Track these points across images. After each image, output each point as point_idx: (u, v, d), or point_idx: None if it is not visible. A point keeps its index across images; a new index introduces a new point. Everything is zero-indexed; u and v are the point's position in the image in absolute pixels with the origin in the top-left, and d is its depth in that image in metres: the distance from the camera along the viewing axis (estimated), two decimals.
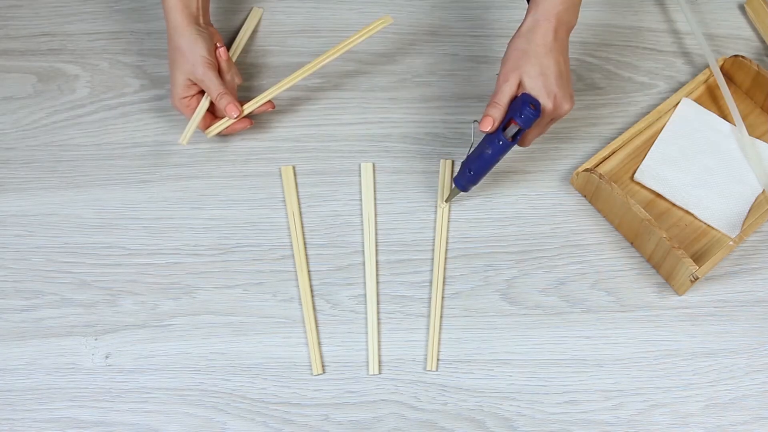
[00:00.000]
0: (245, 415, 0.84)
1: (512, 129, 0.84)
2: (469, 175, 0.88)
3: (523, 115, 0.82)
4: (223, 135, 0.96)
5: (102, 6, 1.07)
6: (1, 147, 0.98)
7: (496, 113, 0.83)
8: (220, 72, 0.92)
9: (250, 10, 1.06)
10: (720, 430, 0.84)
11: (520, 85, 0.84)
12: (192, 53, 0.90)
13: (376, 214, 0.94)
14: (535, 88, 0.83)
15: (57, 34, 1.05)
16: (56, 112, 1.00)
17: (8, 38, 1.05)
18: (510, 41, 0.85)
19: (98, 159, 0.97)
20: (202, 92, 0.93)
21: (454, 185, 0.91)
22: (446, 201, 0.93)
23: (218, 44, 0.92)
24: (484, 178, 0.89)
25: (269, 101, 0.94)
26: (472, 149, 0.88)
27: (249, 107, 0.93)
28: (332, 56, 0.94)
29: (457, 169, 0.97)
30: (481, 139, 0.87)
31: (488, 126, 0.83)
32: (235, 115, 0.91)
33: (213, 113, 0.95)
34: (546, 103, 0.83)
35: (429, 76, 1.03)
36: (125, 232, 0.93)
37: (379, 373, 0.86)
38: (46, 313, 0.89)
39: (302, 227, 0.93)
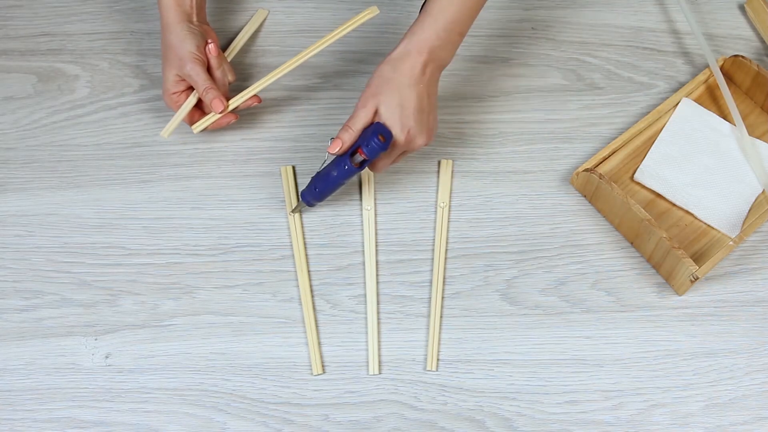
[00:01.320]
0: (245, 415, 0.84)
1: (358, 157, 0.83)
2: (315, 191, 0.88)
3: (369, 145, 0.81)
4: (210, 130, 0.96)
5: (102, 6, 1.07)
6: (1, 147, 0.98)
7: (347, 137, 0.83)
8: (209, 68, 0.92)
9: (256, 11, 1.06)
10: (720, 430, 0.84)
11: (376, 112, 0.83)
12: (181, 49, 0.90)
13: (376, 214, 0.94)
14: (390, 118, 0.82)
15: (57, 34, 1.05)
16: (56, 112, 1.00)
17: (8, 38, 1.05)
18: (377, 66, 0.84)
19: (98, 159, 0.97)
20: (191, 89, 0.94)
21: (300, 198, 0.91)
22: (293, 212, 0.93)
23: (209, 41, 0.92)
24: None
25: (255, 95, 0.94)
26: (323, 166, 0.88)
27: (234, 102, 0.93)
28: (318, 48, 0.93)
29: (456, 168, 0.97)
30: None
31: (336, 149, 0.83)
32: (220, 110, 0.92)
33: (202, 109, 0.95)
34: (398, 135, 0.83)
35: None
36: (125, 232, 0.93)
37: (379, 373, 0.86)
38: (46, 313, 0.89)
39: (302, 227, 0.93)
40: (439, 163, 0.97)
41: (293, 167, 0.96)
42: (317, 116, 1.00)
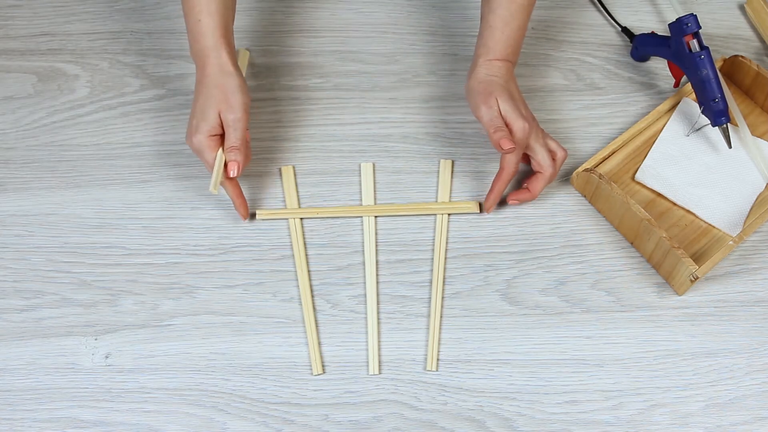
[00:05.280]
0: (245, 415, 0.84)
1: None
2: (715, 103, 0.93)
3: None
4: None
5: (102, 6, 1.07)
6: (1, 147, 0.98)
7: (505, 134, 0.86)
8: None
9: (238, 52, 0.97)
10: (720, 430, 0.84)
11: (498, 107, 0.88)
12: (237, 95, 0.87)
13: (376, 214, 0.94)
14: (510, 110, 0.88)
15: (57, 34, 1.05)
16: (56, 112, 1.00)
17: (8, 38, 1.05)
18: (469, 83, 0.91)
19: (98, 159, 0.97)
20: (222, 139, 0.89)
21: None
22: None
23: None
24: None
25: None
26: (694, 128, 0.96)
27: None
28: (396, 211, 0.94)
29: (456, 168, 0.97)
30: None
31: (508, 145, 0.86)
32: (232, 175, 0.88)
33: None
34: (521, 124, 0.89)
35: (429, 76, 1.03)
36: (125, 232, 0.93)
37: (379, 373, 0.86)
38: (46, 313, 0.89)
39: (302, 227, 0.93)
40: (439, 163, 0.97)
41: (293, 167, 0.96)
42: (317, 116, 1.00)
